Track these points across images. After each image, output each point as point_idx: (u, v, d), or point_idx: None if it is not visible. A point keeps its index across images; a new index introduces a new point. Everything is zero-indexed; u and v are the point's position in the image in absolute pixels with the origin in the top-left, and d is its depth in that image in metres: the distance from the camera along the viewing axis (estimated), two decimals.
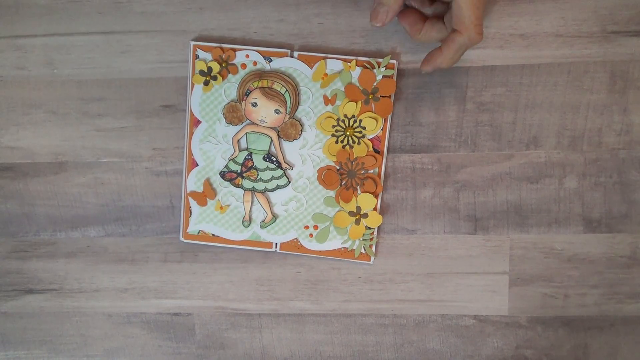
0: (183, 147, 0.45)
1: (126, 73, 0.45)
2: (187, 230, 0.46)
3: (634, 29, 0.41)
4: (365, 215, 0.44)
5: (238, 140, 0.43)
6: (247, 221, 0.44)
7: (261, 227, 0.44)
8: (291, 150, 0.43)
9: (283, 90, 0.42)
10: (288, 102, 0.41)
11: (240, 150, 0.43)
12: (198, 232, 0.46)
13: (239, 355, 0.49)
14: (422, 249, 0.46)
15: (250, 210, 0.44)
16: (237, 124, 0.42)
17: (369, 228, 0.44)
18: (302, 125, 0.42)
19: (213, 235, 0.46)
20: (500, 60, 0.43)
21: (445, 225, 0.45)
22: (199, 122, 0.44)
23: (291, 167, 0.42)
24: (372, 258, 0.45)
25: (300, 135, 0.42)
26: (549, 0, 0.41)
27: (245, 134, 0.42)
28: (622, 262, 0.44)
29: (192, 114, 0.44)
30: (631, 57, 0.42)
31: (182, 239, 0.46)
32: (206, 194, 0.45)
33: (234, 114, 0.42)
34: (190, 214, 0.46)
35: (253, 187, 0.43)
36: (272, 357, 0.48)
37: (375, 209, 0.44)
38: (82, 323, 0.49)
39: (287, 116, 0.41)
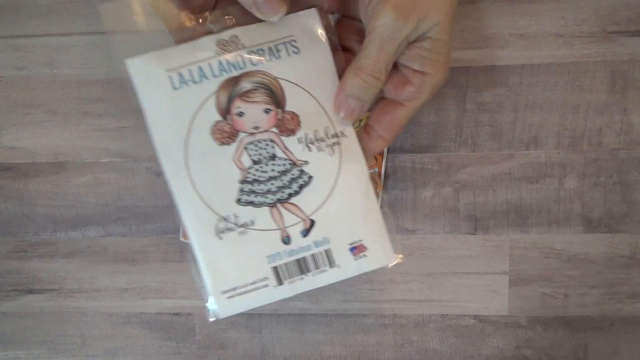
0: None
1: (126, 73, 0.45)
2: None
3: (634, 29, 0.41)
4: None
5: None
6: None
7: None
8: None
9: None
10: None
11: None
12: None
13: (239, 355, 0.49)
14: (422, 249, 0.46)
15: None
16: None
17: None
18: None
19: None
20: (500, 60, 0.43)
21: (445, 225, 0.45)
22: None
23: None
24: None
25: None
26: (549, 0, 0.41)
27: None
28: (622, 262, 0.44)
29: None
30: (631, 57, 0.42)
31: (182, 239, 0.46)
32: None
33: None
34: None
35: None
36: (272, 357, 0.48)
37: None
38: (82, 323, 0.49)
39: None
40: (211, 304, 0.36)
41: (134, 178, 0.47)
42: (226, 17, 0.35)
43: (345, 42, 0.36)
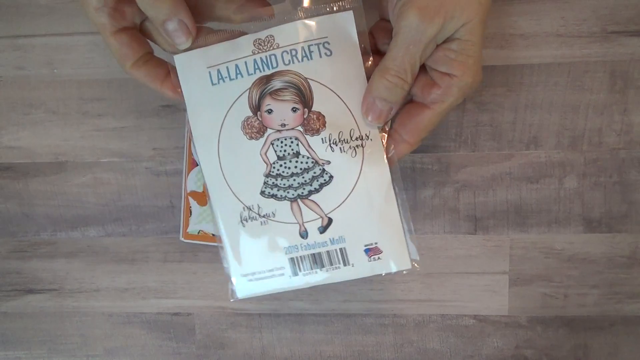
0: (183, 147, 0.45)
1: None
2: (187, 230, 0.46)
3: (634, 29, 0.41)
4: None
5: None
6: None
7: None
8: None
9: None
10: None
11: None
12: (198, 232, 0.46)
13: (239, 355, 0.49)
14: (422, 249, 0.46)
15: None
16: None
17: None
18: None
19: (213, 235, 0.46)
20: (500, 60, 0.43)
21: (445, 225, 0.45)
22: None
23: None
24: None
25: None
26: (549, 0, 0.41)
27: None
28: (622, 262, 0.44)
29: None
30: (631, 57, 0.42)
31: (182, 239, 0.46)
32: (206, 194, 0.45)
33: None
34: (190, 214, 0.45)
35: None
36: (272, 357, 0.48)
37: None
38: (82, 323, 0.49)
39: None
40: (232, 285, 0.38)
41: (134, 178, 0.47)
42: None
43: (380, 45, 0.36)
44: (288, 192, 0.38)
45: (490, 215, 0.45)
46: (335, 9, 0.35)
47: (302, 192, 0.38)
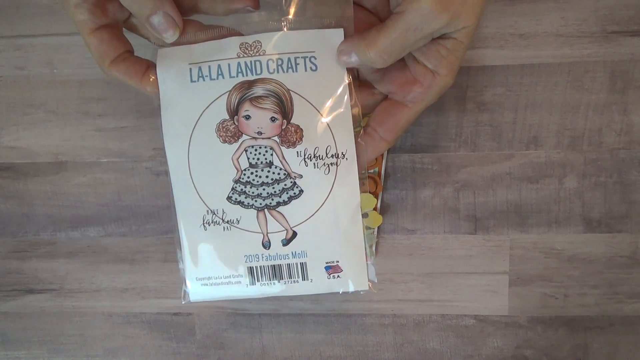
0: None
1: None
2: None
3: (634, 29, 0.41)
4: (365, 215, 0.44)
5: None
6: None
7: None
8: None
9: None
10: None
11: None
12: None
13: (239, 355, 0.49)
14: (422, 249, 0.46)
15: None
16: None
17: (369, 228, 0.44)
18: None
19: None
20: (500, 60, 0.43)
21: (445, 225, 0.45)
22: None
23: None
24: (373, 258, 0.45)
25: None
26: (549, 0, 0.41)
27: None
28: (622, 262, 0.44)
29: None
30: (631, 57, 0.42)
31: None
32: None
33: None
34: None
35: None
36: (272, 357, 0.48)
37: (375, 209, 0.44)
38: (82, 323, 0.49)
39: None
40: (186, 287, 0.38)
41: (134, 178, 0.47)
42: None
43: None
44: (256, 201, 0.37)
45: (490, 215, 0.45)
46: (326, 24, 0.34)
47: (270, 203, 0.37)
